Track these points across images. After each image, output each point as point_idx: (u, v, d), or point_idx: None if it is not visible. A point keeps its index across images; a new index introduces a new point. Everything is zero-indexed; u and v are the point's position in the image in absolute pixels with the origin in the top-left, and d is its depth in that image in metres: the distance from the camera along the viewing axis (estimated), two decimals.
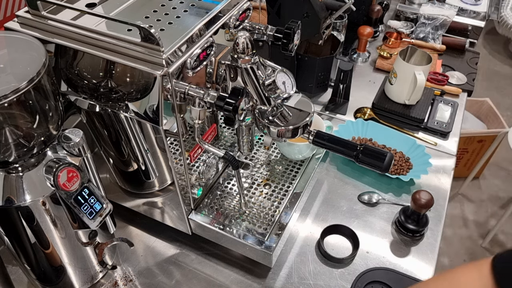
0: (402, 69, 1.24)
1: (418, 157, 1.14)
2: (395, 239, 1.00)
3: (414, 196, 0.95)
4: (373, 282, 0.89)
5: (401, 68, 1.24)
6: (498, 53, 3.42)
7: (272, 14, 1.19)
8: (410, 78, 1.22)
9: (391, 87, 1.29)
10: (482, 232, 2.18)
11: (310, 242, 0.99)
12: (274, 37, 0.86)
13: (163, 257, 0.97)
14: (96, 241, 0.84)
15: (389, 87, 1.30)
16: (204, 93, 0.72)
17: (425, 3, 1.64)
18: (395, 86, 1.27)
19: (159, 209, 0.96)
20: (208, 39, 0.76)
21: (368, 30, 1.42)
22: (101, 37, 0.72)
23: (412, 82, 1.22)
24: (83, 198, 0.73)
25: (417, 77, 1.19)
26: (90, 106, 0.80)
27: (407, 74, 1.22)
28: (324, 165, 1.16)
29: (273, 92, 0.75)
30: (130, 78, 0.73)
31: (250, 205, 0.97)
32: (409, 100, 1.25)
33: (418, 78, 1.19)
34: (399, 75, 1.25)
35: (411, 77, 1.22)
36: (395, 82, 1.26)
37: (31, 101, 0.66)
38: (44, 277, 0.85)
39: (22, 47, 0.70)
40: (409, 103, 1.26)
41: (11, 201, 0.69)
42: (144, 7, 0.82)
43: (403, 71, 1.23)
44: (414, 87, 1.22)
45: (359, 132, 1.21)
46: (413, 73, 1.21)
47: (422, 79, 1.20)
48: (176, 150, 0.81)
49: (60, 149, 0.74)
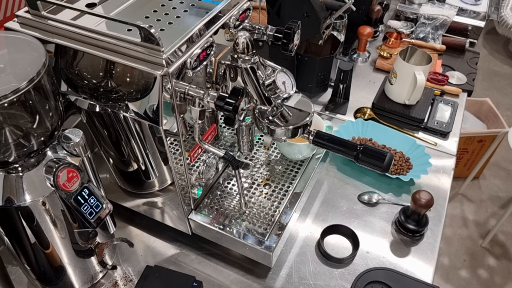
0: (402, 69, 1.24)
1: (418, 157, 1.14)
2: (395, 239, 1.00)
3: (414, 196, 0.95)
4: (373, 282, 0.89)
5: (401, 68, 1.24)
6: (498, 53, 3.42)
7: (272, 14, 1.19)
8: (410, 78, 1.22)
9: (391, 87, 1.29)
10: (482, 232, 2.18)
11: (310, 242, 0.99)
12: (274, 37, 0.86)
13: (163, 257, 0.97)
14: (96, 241, 0.84)
15: (389, 87, 1.30)
16: (204, 93, 0.72)
17: (425, 3, 1.64)
18: (395, 86, 1.27)
19: (159, 209, 0.96)
20: (208, 39, 0.76)
21: (368, 30, 1.42)
22: (101, 37, 0.72)
23: (412, 82, 1.22)
24: (83, 198, 0.73)
25: (417, 77, 1.19)
26: (90, 106, 0.80)
27: (407, 74, 1.22)
28: (324, 165, 1.16)
29: (273, 92, 0.75)
30: (130, 78, 0.73)
31: (250, 205, 0.97)
32: (409, 100, 1.25)
33: (418, 78, 1.19)
34: (399, 75, 1.24)
35: (411, 77, 1.21)
36: (395, 82, 1.26)
37: (31, 101, 0.66)
38: (44, 277, 0.85)
39: (22, 47, 0.70)
40: (409, 103, 1.26)
41: (11, 201, 0.69)
42: (144, 7, 0.82)
43: (403, 71, 1.23)
44: (414, 87, 1.22)
45: (359, 132, 1.21)
46: (413, 73, 1.21)
47: (422, 79, 1.20)
48: (176, 150, 0.81)
49: (60, 149, 0.74)
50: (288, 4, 1.16)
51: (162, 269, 0.89)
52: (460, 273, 2.03)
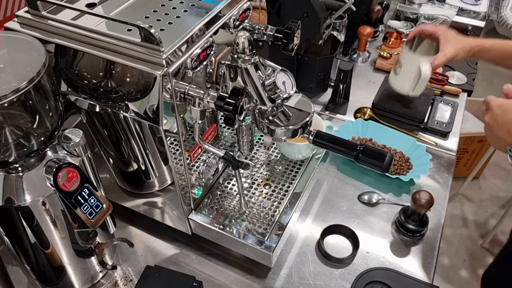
0: (407, 59, 1.17)
1: (418, 157, 1.14)
2: (395, 239, 1.00)
3: (414, 196, 0.95)
4: (373, 282, 0.89)
5: (406, 58, 1.17)
6: None
7: (272, 14, 1.19)
8: (415, 68, 1.14)
9: (395, 78, 1.22)
10: (482, 232, 2.18)
11: (310, 242, 0.99)
12: (274, 37, 0.86)
13: (163, 257, 0.97)
14: (96, 241, 0.84)
15: (393, 78, 1.23)
16: (204, 93, 0.72)
17: (425, 3, 1.64)
18: (399, 76, 1.21)
19: (159, 209, 0.96)
20: (208, 39, 0.76)
21: (368, 30, 1.42)
22: (101, 37, 0.72)
23: (417, 73, 1.14)
24: (83, 198, 0.73)
25: (422, 69, 1.12)
26: (90, 106, 0.80)
27: (413, 65, 1.15)
28: (324, 165, 1.16)
29: (273, 92, 0.75)
30: (130, 78, 0.73)
31: (250, 205, 0.97)
32: (414, 91, 1.18)
33: (423, 69, 1.12)
34: (405, 65, 1.18)
35: (416, 68, 1.14)
36: (400, 72, 1.20)
37: (31, 101, 0.66)
38: (44, 277, 0.85)
39: (22, 47, 0.70)
40: (412, 94, 1.19)
41: (11, 201, 0.69)
42: (144, 7, 0.82)
43: (409, 61, 1.16)
44: (418, 78, 1.15)
45: (359, 132, 1.21)
46: (419, 64, 1.13)
47: (427, 71, 1.12)
48: (176, 150, 0.81)
49: (60, 149, 0.74)
50: (288, 4, 1.16)
51: (162, 269, 0.89)
52: (460, 273, 2.03)
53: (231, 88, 0.73)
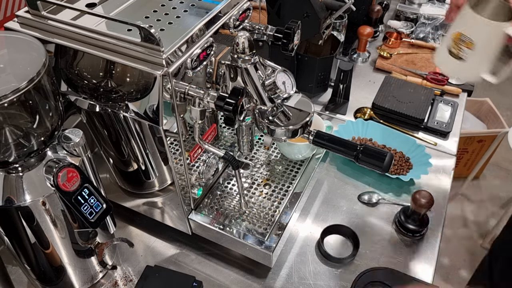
0: (476, 28, 0.80)
1: (418, 157, 1.14)
2: (395, 239, 1.00)
3: (414, 196, 0.95)
4: (373, 282, 0.89)
5: (475, 27, 0.80)
6: None
7: (272, 14, 1.19)
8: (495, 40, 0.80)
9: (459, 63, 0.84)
10: (482, 232, 2.18)
11: (310, 242, 0.99)
12: (274, 37, 0.86)
13: (163, 257, 0.97)
14: (96, 241, 0.84)
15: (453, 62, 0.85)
16: (204, 93, 0.72)
17: (425, 3, 1.64)
18: (469, 55, 0.82)
19: (159, 209, 0.96)
20: (208, 39, 0.76)
21: (368, 30, 1.42)
22: (101, 37, 0.72)
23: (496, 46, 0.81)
24: (83, 198, 0.73)
25: None
26: (90, 106, 0.80)
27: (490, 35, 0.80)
28: (324, 165, 1.16)
29: (273, 92, 0.75)
30: (130, 78, 0.73)
31: (250, 205, 0.97)
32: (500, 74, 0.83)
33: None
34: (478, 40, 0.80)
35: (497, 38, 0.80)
36: (471, 53, 0.81)
37: (31, 101, 0.66)
38: (44, 277, 0.85)
39: (22, 47, 0.70)
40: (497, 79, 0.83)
41: (11, 201, 0.69)
42: (144, 7, 0.82)
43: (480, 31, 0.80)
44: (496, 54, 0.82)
45: (359, 132, 1.21)
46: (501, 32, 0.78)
47: None
48: (176, 150, 0.81)
49: (60, 149, 0.74)
50: (288, 4, 1.16)
51: (162, 269, 0.89)
52: (460, 273, 2.03)
53: (231, 88, 0.73)
